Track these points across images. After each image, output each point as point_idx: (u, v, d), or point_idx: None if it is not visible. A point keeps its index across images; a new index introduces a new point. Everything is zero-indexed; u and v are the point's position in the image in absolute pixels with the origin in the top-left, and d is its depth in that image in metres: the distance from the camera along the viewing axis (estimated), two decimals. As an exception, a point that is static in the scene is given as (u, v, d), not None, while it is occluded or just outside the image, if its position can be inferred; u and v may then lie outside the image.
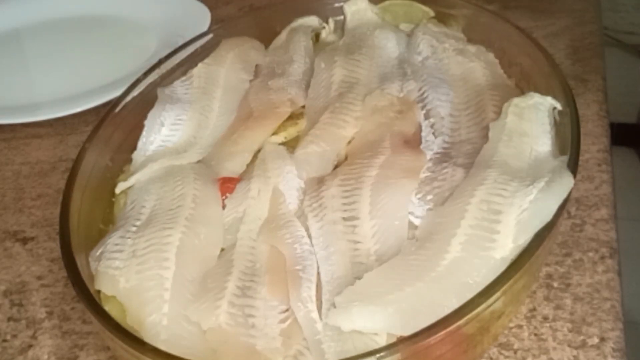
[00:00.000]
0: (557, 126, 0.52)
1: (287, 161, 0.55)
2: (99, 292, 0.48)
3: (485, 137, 0.52)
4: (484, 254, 0.43)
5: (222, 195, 0.54)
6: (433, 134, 0.56)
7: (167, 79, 0.66)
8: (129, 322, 0.45)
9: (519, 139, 0.50)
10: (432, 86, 0.59)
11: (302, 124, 0.61)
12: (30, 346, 0.55)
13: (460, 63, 0.61)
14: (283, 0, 0.72)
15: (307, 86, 0.64)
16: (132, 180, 0.57)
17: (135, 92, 0.63)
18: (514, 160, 0.49)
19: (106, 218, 0.56)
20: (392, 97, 0.59)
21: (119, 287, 0.47)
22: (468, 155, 0.53)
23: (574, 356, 0.47)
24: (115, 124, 0.60)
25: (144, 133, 0.60)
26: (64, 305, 0.57)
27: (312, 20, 0.71)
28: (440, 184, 0.51)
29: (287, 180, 0.53)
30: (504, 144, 0.50)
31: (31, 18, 1.00)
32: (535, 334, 0.48)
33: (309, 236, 0.49)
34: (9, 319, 0.57)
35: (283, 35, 0.71)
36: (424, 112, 0.58)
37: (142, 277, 0.47)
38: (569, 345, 0.47)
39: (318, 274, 0.46)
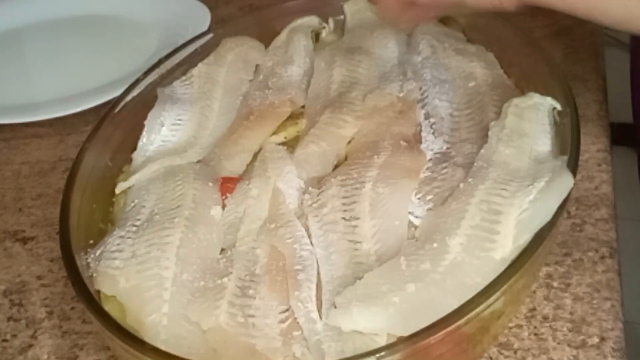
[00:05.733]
0: (557, 126, 0.52)
1: (287, 161, 0.55)
2: (99, 292, 0.48)
3: (485, 137, 0.52)
4: (484, 255, 0.43)
5: (222, 195, 0.54)
6: (433, 134, 0.56)
7: (167, 78, 0.66)
8: (129, 322, 0.45)
9: (519, 139, 0.50)
10: (432, 86, 0.59)
11: (302, 124, 0.61)
12: (30, 346, 0.55)
13: (460, 63, 0.61)
14: (283, 0, 0.72)
15: (307, 86, 0.64)
16: (132, 181, 0.57)
17: (135, 92, 0.63)
18: (513, 160, 0.49)
19: (106, 218, 0.56)
20: (392, 97, 0.59)
21: (119, 287, 0.47)
22: (468, 155, 0.53)
23: (574, 356, 0.47)
24: (115, 124, 0.60)
25: (144, 133, 0.60)
26: (64, 305, 0.57)
27: (312, 20, 0.71)
28: (440, 184, 0.51)
29: (287, 180, 0.53)
30: (503, 144, 0.50)
31: (31, 18, 1.00)
32: (535, 334, 0.48)
33: (309, 236, 0.49)
34: (9, 319, 0.57)
35: (283, 35, 0.71)
36: (424, 112, 0.58)
37: (142, 277, 0.47)
38: (569, 345, 0.47)
39: (318, 274, 0.46)
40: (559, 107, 0.52)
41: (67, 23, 0.99)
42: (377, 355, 0.38)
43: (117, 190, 0.57)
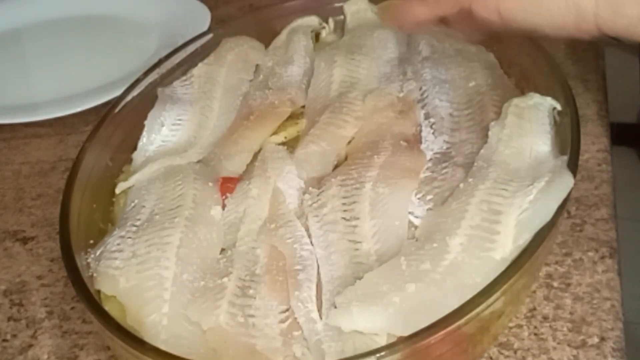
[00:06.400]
0: (557, 126, 0.52)
1: (287, 161, 0.55)
2: (99, 292, 0.48)
3: (485, 137, 0.52)
4: (484, 255, 0.43)
5: (222, 195, 0.54)
6: (433, 134, 0.56)
7: (167, 78, 0.66)
8: (129, 322, 0.45)
9: (519, 139, 0.50)
10: (432, 86, 0.59)
11: (302, 124, 0.61)
12: (30, 346, 0.55)
13: (460, 63, 0.61)
14: (283, 0, 0.72)
15: (307, 86, 0.64)
16: (132, 181, 0.57)
17: (135, 92, 0.63)
18: (513, 160, 0.49)
19: (106, 218, 0.56)
20: (392, 97, 0.59)
21: (119, 287, 0.47)
22: (468, 155, 0.53)
23: (574, 356, 0.47)
24: (115, 124, 0.60)
25: (144, 133, 0.60)
26: (64, 305, 0.57)
27: (312, 20, 0.71)
28: (440, 184, 0.51)
29: (287, 180, 0.53)
30: (503, 144, 0.50)
31: (31, 18, 1.00)
32: (535, 334, 0.48)
33: (309, 236, 0.49)
34: (9, 319, 0.57)
35: (283, 35, 0.71)
36: (424, 112, 0.58)
37: (142, 277, 0.47)
38: (569, 345, 0.47)
39: (318, 274, 0.46)
40: (559, 107, 0.52)
41: (67, 23, 0.99)
42: (377, 355, 0.38)
43: (117, 190, 0.57)
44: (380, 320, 0.41)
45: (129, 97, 0.62)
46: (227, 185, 0.55)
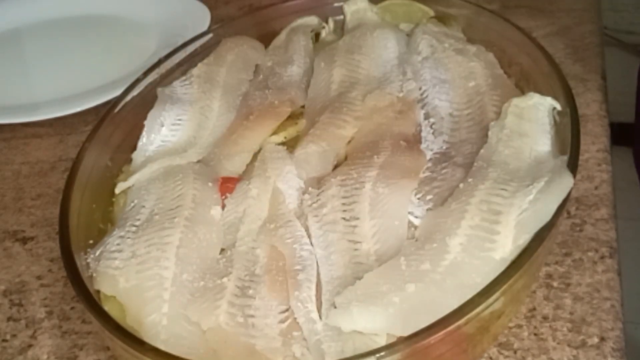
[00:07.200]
0: (557, 126, 0.52)
1: (287, 161, 0.55)
2: (98, 292, 0.48)
3: (485, 137, 0.52)
4: (484, 255, 0.43)
5: (222, 195, 0.54)
6: (433, 134, 0.56)
7: (167, 78, 0.66)
8: (129, 322, 0.45)
9: (519, 139, 0.50)
10: (432, 86, 0.59)
11: (302, 124, 0.61)
12: (29, 346, 0.55)
13: (460, 63, 0.61)
14: (283, 0, 0.72)
15: (307, 86, 0.64)
16: (131, 180, 0.57)
17: (135, 92, 0.63)
18: (513, 160, 0.49)
19: (106, 218, 0.56)
20: (392, 97, 0.59)
21: (119, 287, 0.47)
22: (468, 155, 0.53)
23: (574, 356, 0.47)
24: (115, 124, 0.60)
25: (143, 133, 0.60)
26: (64, 305, 0.57)
27: (312, 20, 0.71)
28: (440, 184, 0.51)
29: (287, 180, 0.53)
30: (503, 144, 0.50)
31: (31, 18, 1.00)
32: (535, 334, 0.48)
33: (309, 236, 0.49)
34: (9, 319, 0.57)
35: (283, 35, 0.71)
36: (423, 112, 0.58)
37: (141, 277, 0.47)
38: (569, 345, 0.47)
39: (318, 274, 0.46)
40: (559, 107, 0.52)
41: (67, 23, 0.99)
42: (377, 355, 0.38)
43: (117, 190, 0.57)
44: (380, 321, 0.41)
45: (128, 97, 0.62)
46: (227, 185, 0.55)
